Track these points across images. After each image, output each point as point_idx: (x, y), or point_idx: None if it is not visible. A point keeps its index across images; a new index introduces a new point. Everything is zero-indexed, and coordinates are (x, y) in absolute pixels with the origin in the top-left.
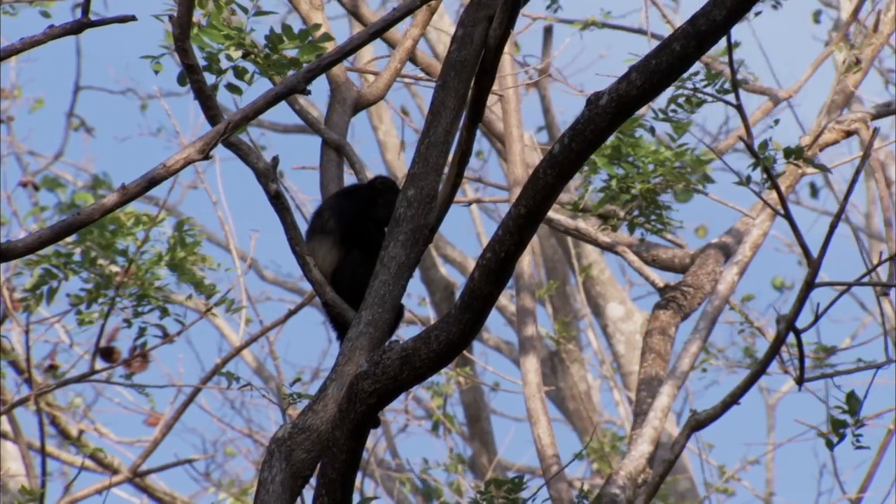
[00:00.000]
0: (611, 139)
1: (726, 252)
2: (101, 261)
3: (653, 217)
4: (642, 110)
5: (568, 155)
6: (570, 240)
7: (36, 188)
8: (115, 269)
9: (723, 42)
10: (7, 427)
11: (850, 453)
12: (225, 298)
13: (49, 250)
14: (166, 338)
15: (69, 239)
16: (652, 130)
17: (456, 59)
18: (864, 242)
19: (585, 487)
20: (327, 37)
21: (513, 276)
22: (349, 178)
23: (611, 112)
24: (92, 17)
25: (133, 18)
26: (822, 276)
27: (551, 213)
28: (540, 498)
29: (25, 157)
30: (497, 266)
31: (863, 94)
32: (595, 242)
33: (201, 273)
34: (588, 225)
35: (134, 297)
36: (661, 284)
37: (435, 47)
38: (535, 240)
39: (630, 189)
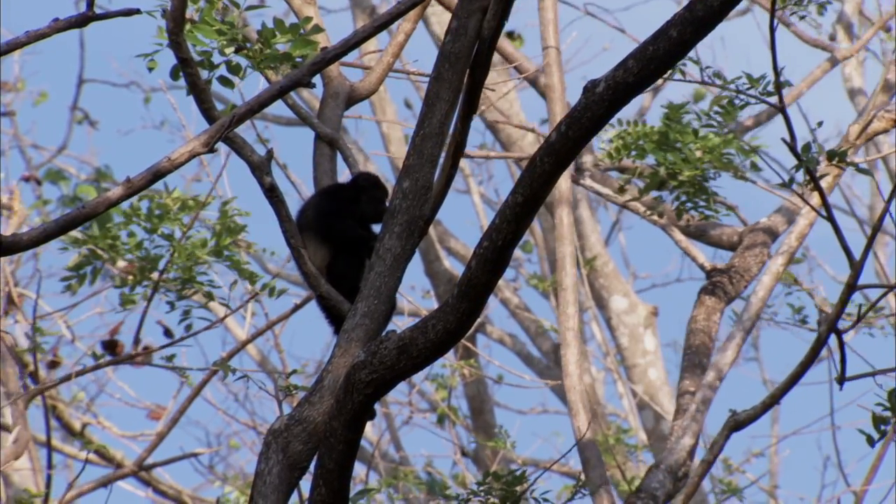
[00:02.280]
0: (658, 125)
1: (773, 233)
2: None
3: (701, 203)
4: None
5: (565, 143)
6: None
7: (39, 183)
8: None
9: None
10: (9, 419)
11: (854, 446)
12: (270, 283)
13: (95, 231)
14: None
15: (116, 220)
16: (696, 133)
17: (450, 51)
18: (866, 232)
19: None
20: (318, 28)
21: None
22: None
23: (608, 99)
24: (97, 11)
25: (137, 12)
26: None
27: (601, 188)
28: (540, 489)
29: (29, 151)
30: (494, 255)
31: None
32: (641, 214)
33: (245, 260)
34: (635, 201)
35: (178, 281)
36: (708, 267)
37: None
38: (538, 232)
39: (678, 175)
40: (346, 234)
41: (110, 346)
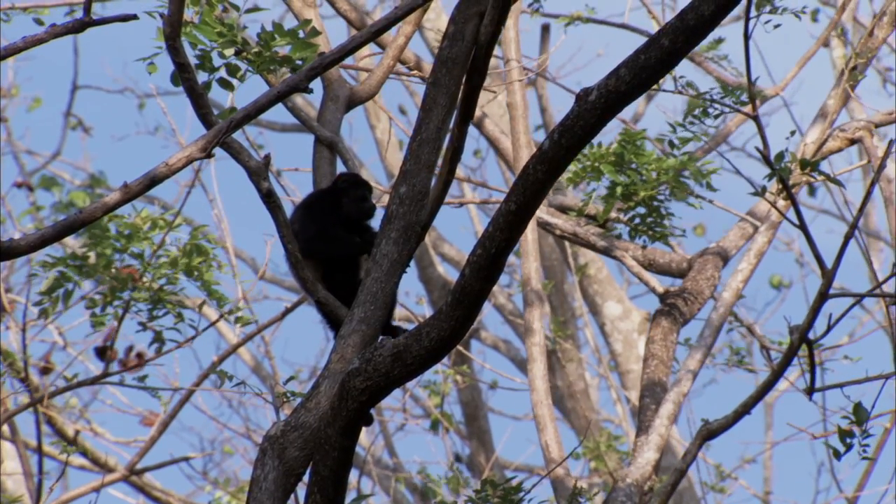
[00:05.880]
0: (614, 146)
1: (724, 256)
2: (116, 265)
3: (654, 224)
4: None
5: (557, 151)
6: None
7: (31, 189)
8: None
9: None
10: (4, 427)
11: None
12: (237, 309)
13: (66, 253)
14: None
15: (86, 240)
16: (662, 140)
17: (447, 56)
18: (862, 241)
19: (584, 486)
20: (315, 31)
21: (519, 281)
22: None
23: (600, 108)
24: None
25: (135, 17)
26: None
27: (550, 218)
28: (536, 498)
29: (23, 156)
30: (488, 262)
31: (860, 94)
32: (592, 247)
33: (215, 280)
34: (586, 230)
35: (149, 301)
36: (660, 290)
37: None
38: (531, 238)
39: (633, 196)
40: (335, 251)
41: (103, 352)
